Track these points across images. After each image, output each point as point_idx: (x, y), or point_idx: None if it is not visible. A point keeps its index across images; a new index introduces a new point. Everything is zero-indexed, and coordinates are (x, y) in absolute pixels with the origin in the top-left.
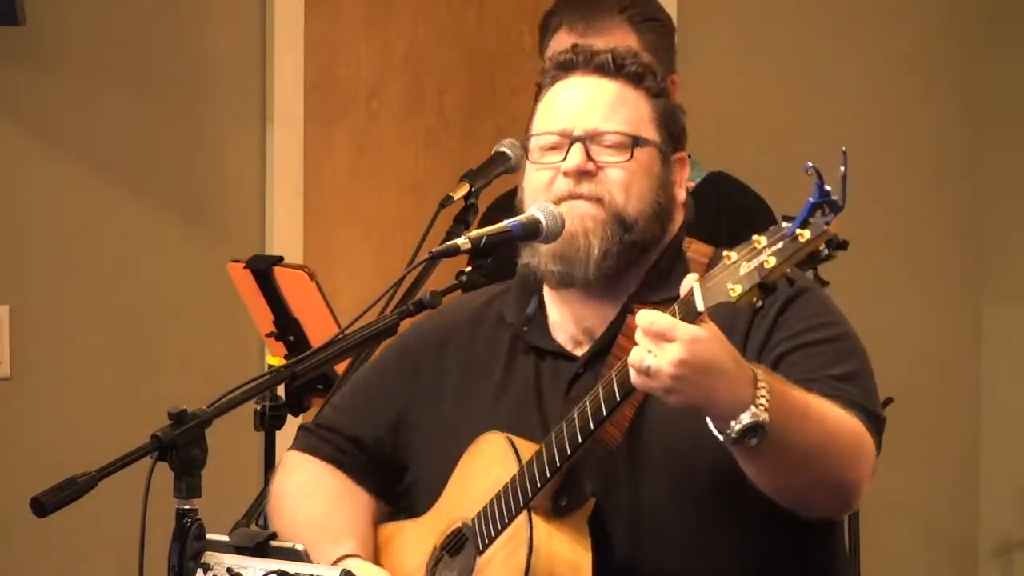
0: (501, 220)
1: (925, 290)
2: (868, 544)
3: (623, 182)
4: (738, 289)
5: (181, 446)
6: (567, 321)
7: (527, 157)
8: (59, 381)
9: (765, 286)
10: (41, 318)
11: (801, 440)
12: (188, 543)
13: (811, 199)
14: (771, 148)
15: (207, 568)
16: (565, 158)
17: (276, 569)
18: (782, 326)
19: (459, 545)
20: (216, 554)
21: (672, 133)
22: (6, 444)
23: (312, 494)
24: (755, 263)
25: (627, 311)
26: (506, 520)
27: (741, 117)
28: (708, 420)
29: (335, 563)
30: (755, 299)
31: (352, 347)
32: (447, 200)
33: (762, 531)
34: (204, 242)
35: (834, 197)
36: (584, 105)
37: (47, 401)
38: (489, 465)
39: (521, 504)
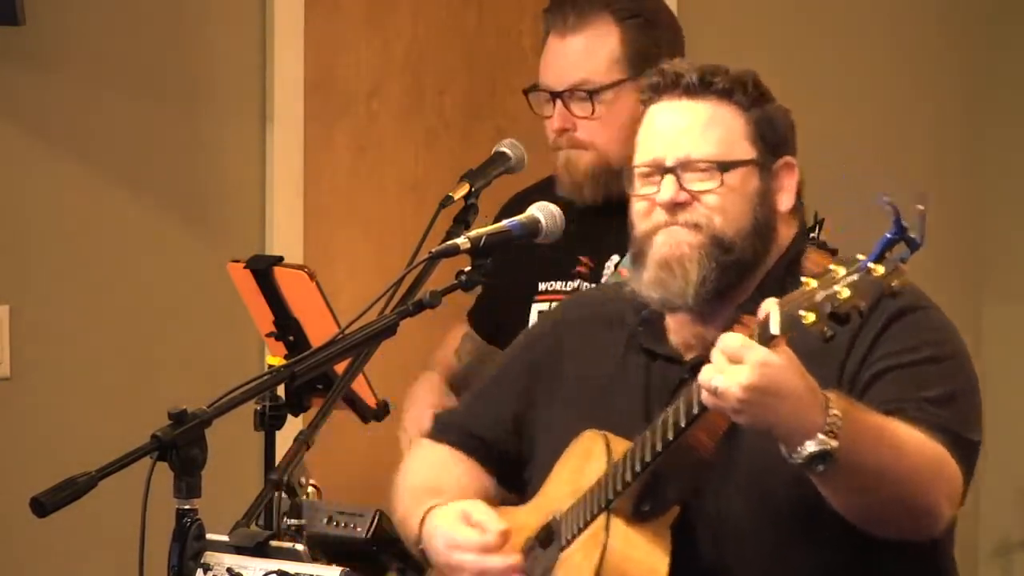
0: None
1: (925, 290)
2: None
3: (719, 206)
4: (811, 317)
5: (181, 446)
6: (681, 326)
7: (630, 188)
8: (59, 381)
9: (837, 316)
10: (41, 318)
11: (873, 467)
12: (188, 543)
13: (887, 235)
14: None
15: (207, 568)
16: (659, 189)
17: (276, 569)
18: (884, 343)
19: (550, 538)
20: (216, 554)
21: (770, 142)
22: (6, 444)
23: (429, 466)
24: (829, 292)
25: (735, 320)
26: (588, 519)
27: None
28: (780, 444)
29: (424, 516)
30: (825, 328)
31: (352, 347)
32: (447, 200)
33: (836, 554)
34: (204, 242)
35: (912, 234)
36: (674, 132)
37: (47, 401)
38: (584, 462)
39: (603, 505)
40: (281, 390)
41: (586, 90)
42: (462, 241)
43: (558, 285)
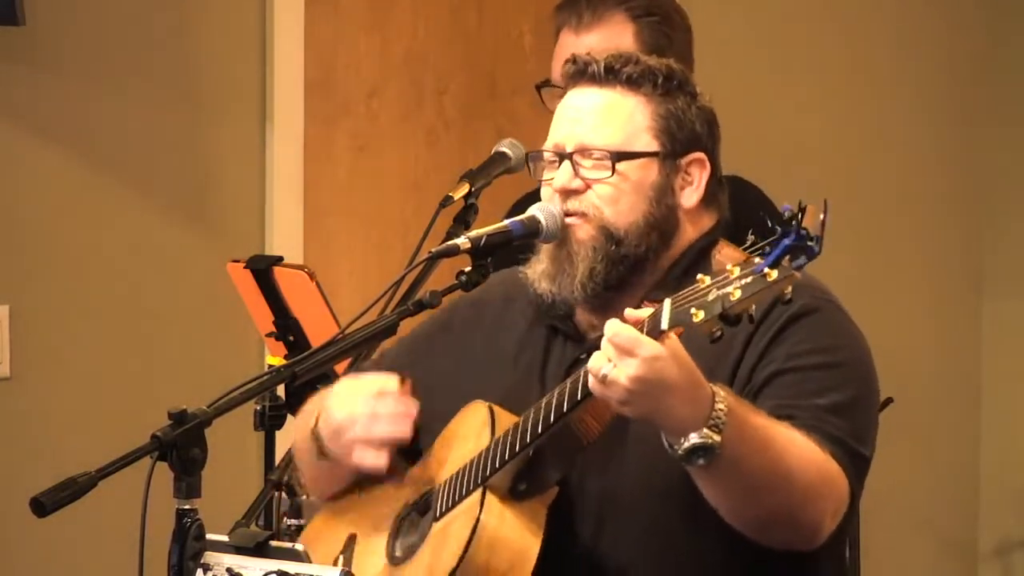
0: None
1: (925, 289)
2: (868, 543)
3: (609, 197)
4: (700, 315)
5: (181, 446)
6: (584, 310)
7: (535, 173)
8: (59, 381)
9: (726, 317)
10: (41, 318)
11: (756, 468)
12: (188, 543)
13: (786, 241)
14: (771, 148)
15: (207, 568)
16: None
17: (276, 569)
18: (781, 343)
19: (427, 506)
20: (216, 554)
21: (678, 137)
22: (6, 444)
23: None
24: (721, 293)
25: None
26: (463, 493)
27: (741, 116)
28: (662, 435)
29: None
30: (715, 329)
31: (352, 347)
32: (447, 200)
33: (720, 534)
34: (204, 242)
35: (810, 243)
36: (575, 119)
37: (47, 401)
38: (468, 434)
39: (479, 481)
40: (281, 390)
41: None
42: (462, 241)
43: None
